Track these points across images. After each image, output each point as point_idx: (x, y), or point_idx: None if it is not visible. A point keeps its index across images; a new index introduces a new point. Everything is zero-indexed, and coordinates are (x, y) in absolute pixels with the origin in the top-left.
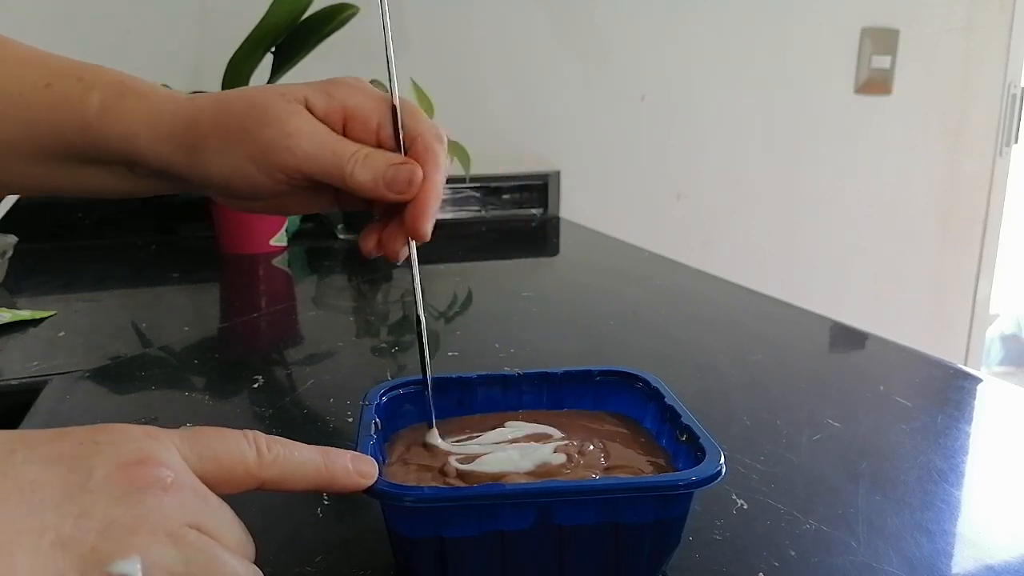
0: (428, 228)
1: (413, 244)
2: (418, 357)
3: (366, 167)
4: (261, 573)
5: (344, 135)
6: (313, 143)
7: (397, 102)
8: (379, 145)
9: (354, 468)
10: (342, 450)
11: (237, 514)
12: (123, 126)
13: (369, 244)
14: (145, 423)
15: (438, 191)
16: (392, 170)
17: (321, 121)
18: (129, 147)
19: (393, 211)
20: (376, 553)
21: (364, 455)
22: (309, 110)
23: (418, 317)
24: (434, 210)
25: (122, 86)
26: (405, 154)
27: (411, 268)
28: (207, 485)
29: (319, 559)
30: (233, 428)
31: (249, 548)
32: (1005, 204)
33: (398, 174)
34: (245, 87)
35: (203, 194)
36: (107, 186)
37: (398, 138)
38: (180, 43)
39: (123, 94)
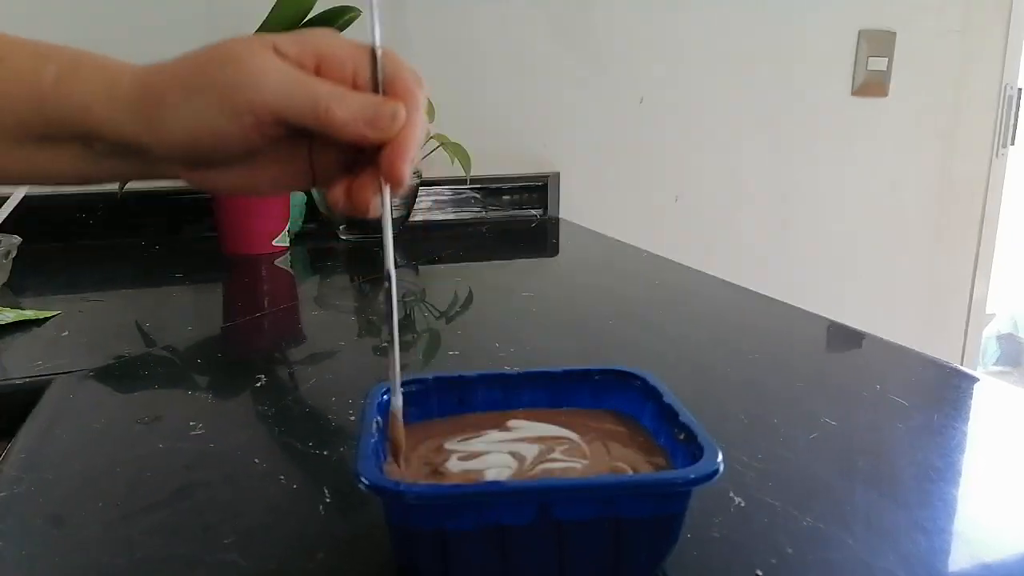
0: (406, 172)
1: (387, 192)
2: (422, 357)
3: (344, 104)
4: None
5: None
6: (283, 79)
7: (378, 39)
8: (356, 89)
9: None
10: None
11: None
12: (79, 96)
13: (337, 194)
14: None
15: (418, 133)
16: (373, 107)
17: (292, 65)
18: (86, 118)
19: (363, 164)
20: (378, 550)
21: None
22: (278, 54)
23: (387, 272)
24: (413, 153)
25: (79, 57)
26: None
27: (382, 219)
28: None
29: (321, 556)
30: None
31: None
32: (1001, 205)
33: (380, 110)
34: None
35: (164, 175)
36: (64, 169)
37: (376, 79)
38: (183, 45)
39: (79, 65)
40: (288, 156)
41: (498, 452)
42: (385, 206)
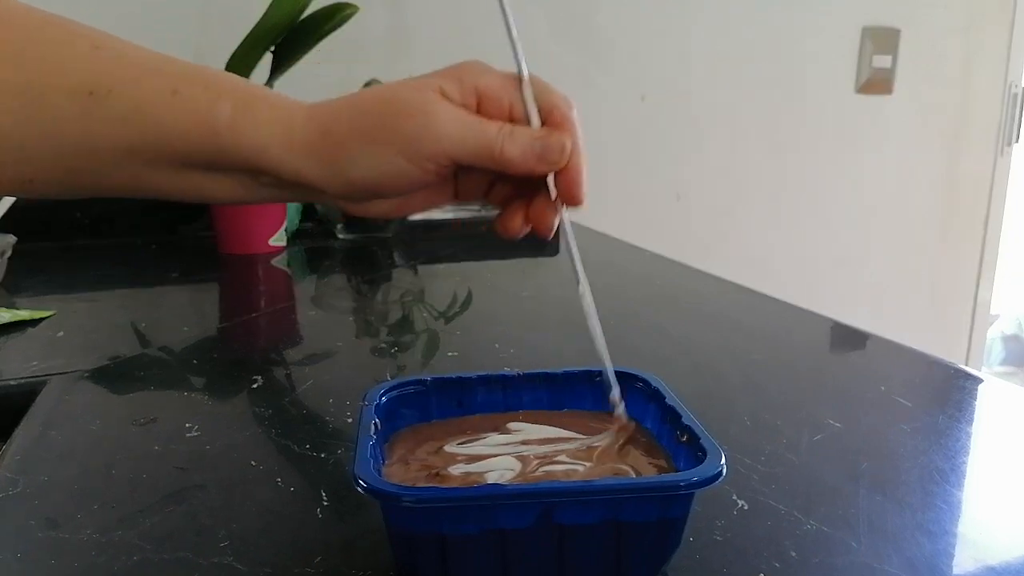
0: (584, 193)
1: (566, 213)
2: (420, 358)
3: (514, 142)
4: None
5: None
6: (458, 127)
7: (526, 74)
8: (513, 122)
9: None
10: None
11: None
12: (255, 136)
13: (515, 223)
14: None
15: (585, 157)
16: (540, 142)
17: (458, 106)
18: (259, 157)
19: (525, 190)
20: (376, 553)
21: None
22: (444, 97)
23: (581, 292)
24: (587, 175)
25: (250, 94)
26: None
27: (566, 238)
28: None
29: (319, 559)
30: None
31: None
32: (1006, 203)
33: (549, 144)
34: (372, 87)
35: (321, 202)
36: (225, 194)
37: (532, 112)
38: (180, 42)
39: (252, 103)
40: (440, 183)
41: (499, 455)
42: (566, 226)
